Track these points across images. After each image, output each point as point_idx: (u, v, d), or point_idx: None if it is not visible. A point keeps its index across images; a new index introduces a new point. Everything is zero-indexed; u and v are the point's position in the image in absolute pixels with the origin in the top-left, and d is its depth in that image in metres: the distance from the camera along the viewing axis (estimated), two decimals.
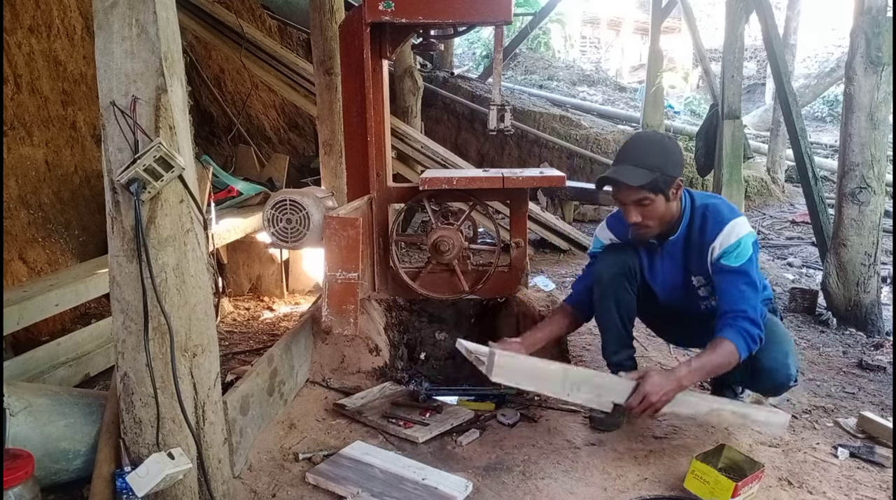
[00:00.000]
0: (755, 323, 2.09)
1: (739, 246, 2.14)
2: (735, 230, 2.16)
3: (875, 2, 3.49)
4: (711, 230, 2.19)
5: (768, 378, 2.23)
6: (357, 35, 2.76)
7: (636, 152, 2.18)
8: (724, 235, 2.16)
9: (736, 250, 2.14)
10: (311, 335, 2.77)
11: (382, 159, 2.96)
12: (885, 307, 3.84)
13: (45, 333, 3.28)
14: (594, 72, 14.35)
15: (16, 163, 3.61)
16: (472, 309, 3.04)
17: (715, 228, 2.18)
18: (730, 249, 2.14)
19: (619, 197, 2.19)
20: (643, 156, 2.15)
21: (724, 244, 2.15)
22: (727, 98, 5.35)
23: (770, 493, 2.00)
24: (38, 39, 3.87)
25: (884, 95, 3.50)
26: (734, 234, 2.15)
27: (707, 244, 2.20)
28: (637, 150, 2.19)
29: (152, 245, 1.65)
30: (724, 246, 2.15)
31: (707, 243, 2.20)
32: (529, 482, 2.04)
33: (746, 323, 2.08)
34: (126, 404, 1.74)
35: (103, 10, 1.59)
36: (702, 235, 2.21)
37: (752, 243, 2.17)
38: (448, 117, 8.49)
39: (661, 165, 2.12)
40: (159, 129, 1.63)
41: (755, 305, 2.12)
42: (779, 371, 2.20)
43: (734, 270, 2.14)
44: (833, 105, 13.38)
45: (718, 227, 2.18)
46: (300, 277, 4.31)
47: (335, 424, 2.40)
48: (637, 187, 2.12)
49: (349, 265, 2.42)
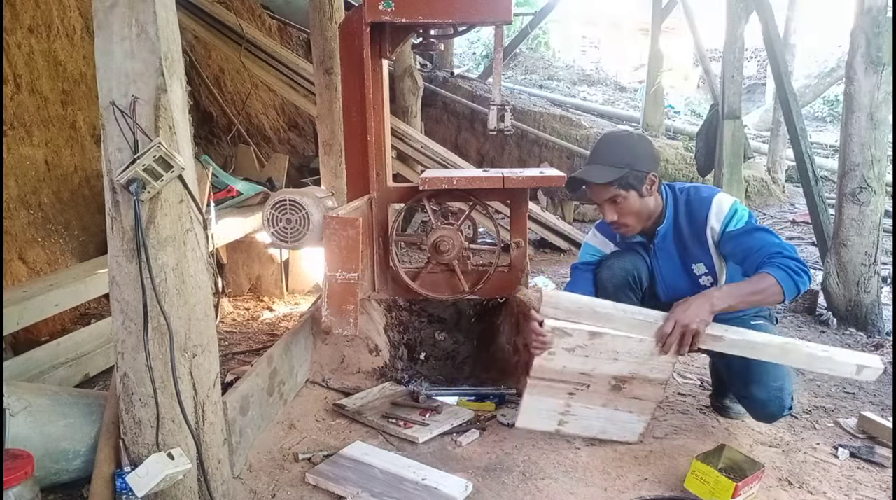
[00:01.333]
0: (795, 259, 2.00)
1: (735, 212, 2.16)
2: (723, 202, 2.18)
3: (875, 2, 3.49)
4: (699, 212, 2.20)
5: (762, 409, 2.23)
6: (357, 35, 2.76)
7: (604, 151, 2.21)
8: (716, 210, 2.17)
9: (734, 216, 2.15)
10: (311, 335, 2.77)
11: (382, 159, 2.96)
12: (886, 307, 3.84)
13: (44, 333, 3.28)
14: (594, 72, 14.36)
15: (16, 163, 3.61)
16: (472, 309, 3.04)
17: (702, 209, 2.20)
18: (727, 217, 2.16)
19: (592, 196, 2.22)
20: (610, 154, 2.18)
21: (720, 217, 2.17)
22: (727, 98, 5.35)
23: (770, 493, 2.00)
24: (38, 39, 3.86)
25: (884, 95, 3.50)
26: (724, 204, 2.18)
27: (702, 226, 2.20)
28: (605, 149, 2.22)
29: (152, 245, 1.65)
30: (721, 218, 2.16)
31: (701, 225, 2.20)
32: (529, 482, 2.04)
33: (785, 260, 1.99)
34: (126, 404, 1.74)
35: (103, 10, 1.59)
36: (692, 221, 2.22)
37: (744, 209, 2.19)
38: (448, 117, 8.49)
39: (629, 162, 2.14)
40: (159, 129, 1.63)
41: (783, 243, 2.07)
42: (772, 402, 2.19)
43: (743, 229, 2.13)
44: (833, 105, 13.38)
45: (706, 205, 2.19)
46: (300, 277, 4.31)
47: (335, 424, 2.40)
48: (605, 185, 2.14)
49: (349, 265, 2.42)
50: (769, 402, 2.19)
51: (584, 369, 2.11)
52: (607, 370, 2.11)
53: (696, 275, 2.28)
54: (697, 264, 2.26)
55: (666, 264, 2.31)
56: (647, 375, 2.11)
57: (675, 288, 2.31)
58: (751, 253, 2.09)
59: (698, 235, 2.22)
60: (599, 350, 2.07)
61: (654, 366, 2.09)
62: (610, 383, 2.13)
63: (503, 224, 3.19)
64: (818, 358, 2.06)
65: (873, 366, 2.04)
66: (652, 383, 2.13)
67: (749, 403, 2.26)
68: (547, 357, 2.09)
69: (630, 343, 2.06)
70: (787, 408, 2.23)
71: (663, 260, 2.31)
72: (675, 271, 2.31)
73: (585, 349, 2.08)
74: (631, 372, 2.11)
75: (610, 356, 2.08)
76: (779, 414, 2.24)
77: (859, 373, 2.04)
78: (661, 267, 2.32)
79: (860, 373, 2.04)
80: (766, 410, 2.23)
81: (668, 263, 2.30)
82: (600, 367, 2.10)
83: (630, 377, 2.12)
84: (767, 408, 2.21)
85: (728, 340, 2.03)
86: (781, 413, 2.24)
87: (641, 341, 2.05)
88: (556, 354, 2.08)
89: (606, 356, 2.08)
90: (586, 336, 2.06)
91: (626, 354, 2.07)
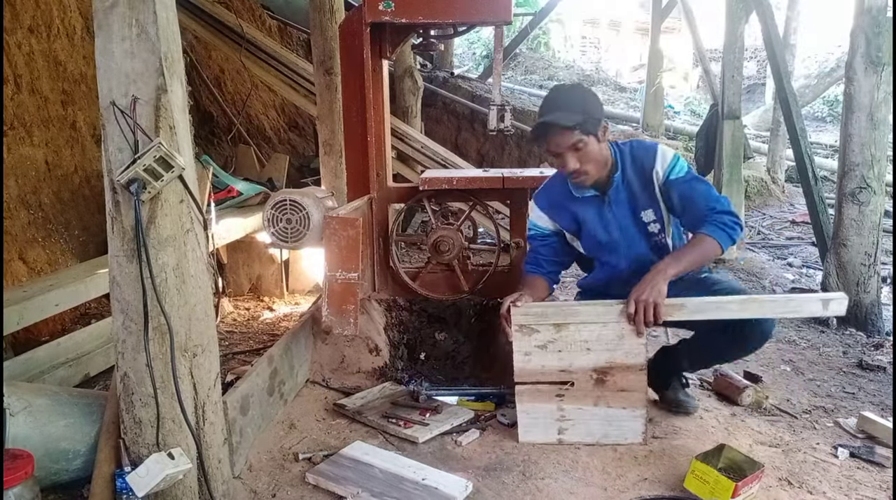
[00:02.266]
0: (728, 212, 2.20)
1: (677, 160, 2.31)
2: (665, 151, 2.32)
3: (875, 2, 3.49)
4: (646, 159, 2.32)
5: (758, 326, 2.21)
6: (357, 35, 2.76)
7: (560, 101, 2.25)
8: (661, 157, 2.30)
9: (676, 164, 2.29)
10: (311, 335, 2.77)
11: (382, 159, 2.96)
12: (885, 307, 3.84)
13: (45, 333, 3.28)
14: (594, 72, 14.37)
15: (16, 163, 3.61)
16: (472, 309, 3.04)
17: (648, 156, 2.32)
18: (671, 165, 2.29)
19: (553, 146, 2.25)
20: (568, 102, 2.24)
21: (664, 164, 2.30)
22: (727, 98, 5.36)
23: (770, 493, 2.00)
24: (38, 39, 3.87)
25: (884, 95, 3.50)
26: (668, 154, 2.31)
27: (648, 172, 2.31)
28: (561, 98, 2.27)
29: (152, 245, 1.65)
30: (665, 165, 2.29)
31: (648, 171, 2.32)
32: (529, 482, 2.04)
33: (719, 215, 2.19)
34: (126, 404, 1.74)
35: (103, 10, 1.59)
36: (639, 169, 2.33)
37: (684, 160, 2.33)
38: (448, 117, 8.48)
39: (587, 108, 2.22)
40: (159, 129, 1.63)
41: (718, 197, 2.25)
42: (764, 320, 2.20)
43: (684, 178, 2.28)
44: (833, 105, 13.39)
45: (651, 152, 2.32)
46: (300, 277, 4.31)
47: (335, 424, 2.40)
48: (569, 130, 2.20)
49: (349, 265, 2.42)
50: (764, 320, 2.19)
51: (562, 365, 2.22)
52: (584, 363, 2.21)
53: (644, 223, 2.36)
54: (646, 212, 2.35)
55: (619, 213, 2.36)
56: (624, 361, 2.19)
57: (624, 236, 2.37)
58: (690, 206, 2.26)
59: (645, 183, 2.33)
60: (569, 343, 2.21)
61: (627, 350, 2.19)
62: (592, 376, 2.21)
63: (503, 224, 3.19)
64: (782, 303, 2.23)
65: (838, 297, 2.14)
66: (632, 370, 2.20)
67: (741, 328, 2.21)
68: (524, 359, 2.21)
69: (595, 330, 2.19)
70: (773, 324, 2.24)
71: (617, 209, 2.36)
72: (626, 220, 2.36)
73: (556, 343, 2.21)
74: (608, 361, 2.20)
75: (582, 347, 2.20)
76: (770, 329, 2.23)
77: (826, 308, 2.16)
78: (615, 217, 2.36)
79: (827, 307, 2.15)
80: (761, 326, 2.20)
81: (621, 212, 2.36)
82: (577, 360, 2.21)
83: (608, 367, 2.20)
84: (762, 324, 2.20)
85: (691, 305, 2.14)
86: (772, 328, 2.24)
87: (605, 325, 2.18)
88: (532, 353, 2.22)
89: (579, 347, 2.21)
90: (553, 330, 2.21)
91: (596, 342, 2.20)
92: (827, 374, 3.06)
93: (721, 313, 2.14)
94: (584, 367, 2.21)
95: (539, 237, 2.50)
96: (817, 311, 2.23)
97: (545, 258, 2.49)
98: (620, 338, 2.18)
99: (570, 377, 2.22)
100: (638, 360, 2.19)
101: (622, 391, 2.21)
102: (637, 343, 2.18)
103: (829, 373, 3.07)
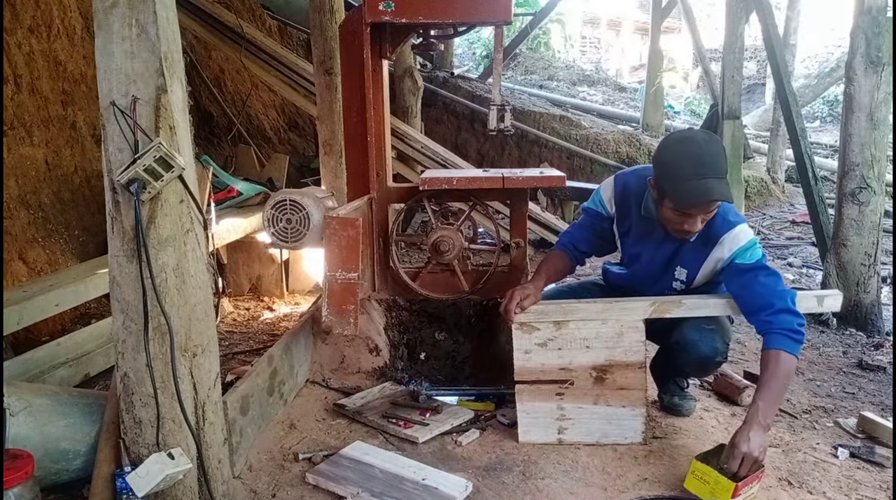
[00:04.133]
0: (790, 312, 2.03)
1: (754, 246, 2.13)
2: (745, 232, 2.15)
3: (875, 2, 3.49)
4: (720, 226, 2.15)
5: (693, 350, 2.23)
6: (357, 35, 2.76)
7: (716, 164, 2.05)
8: (735, 234, 2.13)
9: (750, 249, 2.12)
10: (311, 335, 2.77)
11: (382, 159, 2.96)
12: (885, 307, 3.84)
13: (45, 333, 3.28)
14: (594, 72, 14.36)
15: (16, 163, 3.61)
16: (472, 309, 3.03)
17: (724, 225, 2.15)
18: (743, 248, 2.12)
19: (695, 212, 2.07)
20: (720, 167, 2.05)
21: (736, 243, 2.12)
22: (727, 98, 5.36)
23: (770, 493, 2.00)
24: (38, 39, 3.87)
25: (884, 95, 3.50)
26: (744, 234, 2.14)
27: (714, 237, 2.15)
28: (715, 161, 2.05)
29: (152, 245, 1.65)
30: (737, 246, 2.12)
31: (714, 237, 2.15)
32: (529, 482, 2.04)
33: (783, 318, 2.02)
34: (126, 404, 1.74)
35: (103, 10, 1.59)
36: (707, 227, 2.15)
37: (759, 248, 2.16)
38: (448, 117, 8.49)
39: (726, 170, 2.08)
40: (159, 129, 1.63)
41: (782, 292, 2.06)
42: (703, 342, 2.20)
43: (752, 266, 2.10)
44: (833, 105, 13.39)
45: (729, 225, 2.15)
46: (300, 277, 4.31)
47: (335, 424, 2.40)
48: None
49: (349, 265, 2.42)
50: (700, 342, 2.22)
51: (562, 363, 2.22)
52: (584, 361, 2.22)
53: (673, 277, 2.29)
54: (680, 270, 2.27)
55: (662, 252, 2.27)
56: (624, 358, 2.20)
57: (653, 280, 2.32)
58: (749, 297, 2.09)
59: (705, 242, 2.18)
60: (569, 340, 2.22)
61: (626, 347, 2.20)
62: (591, 374, 2.22)
63: (503, 224, 3.19)
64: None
65: (832, 294, 2.19)
66: (631, 368, 2.20)
67: (680, 348, 2.25)
68: (524, 357, 2.22)
69: (595, 327, 2.20)
70: (720, 353, 2.25)
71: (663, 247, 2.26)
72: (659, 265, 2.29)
73: (556, 341, 2.23)
74: (607, 359, 2.21)
75: (581, 345, 2.22)
76: (711, 357, 2.23)
77: (821, 304, 2.20)
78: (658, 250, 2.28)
79: (822, 303, 2.20)
80: (698, 351, 2.22)
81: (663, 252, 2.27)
82: (576, 358, 2.22)
83: (608, 365, 2.21)
84: (699, 348, 2.21)
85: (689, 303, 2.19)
86: (714, 356, 2.23)
87: (604, 322, 2.19)
88: (532, 351, 2.23)
89: (578, 345, 2.22)
90: (553, 327, 2.22)
91: (595, 339, 2.21)
92: (827, 374, 3.06)
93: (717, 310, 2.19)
94: (584, 365, 2.22)
95: (594, 214, 2.42)
96: (812, 307, 2.24)
97: (584, 237, 2.44)
98: (620, 336, 2.19)
99: (569, 375, 2.22)
100: (637, 358, 2.20)
101: (622, 389, 2.21)
102: (636, 341, 2.19)
103: (829, 373, 3.07)
